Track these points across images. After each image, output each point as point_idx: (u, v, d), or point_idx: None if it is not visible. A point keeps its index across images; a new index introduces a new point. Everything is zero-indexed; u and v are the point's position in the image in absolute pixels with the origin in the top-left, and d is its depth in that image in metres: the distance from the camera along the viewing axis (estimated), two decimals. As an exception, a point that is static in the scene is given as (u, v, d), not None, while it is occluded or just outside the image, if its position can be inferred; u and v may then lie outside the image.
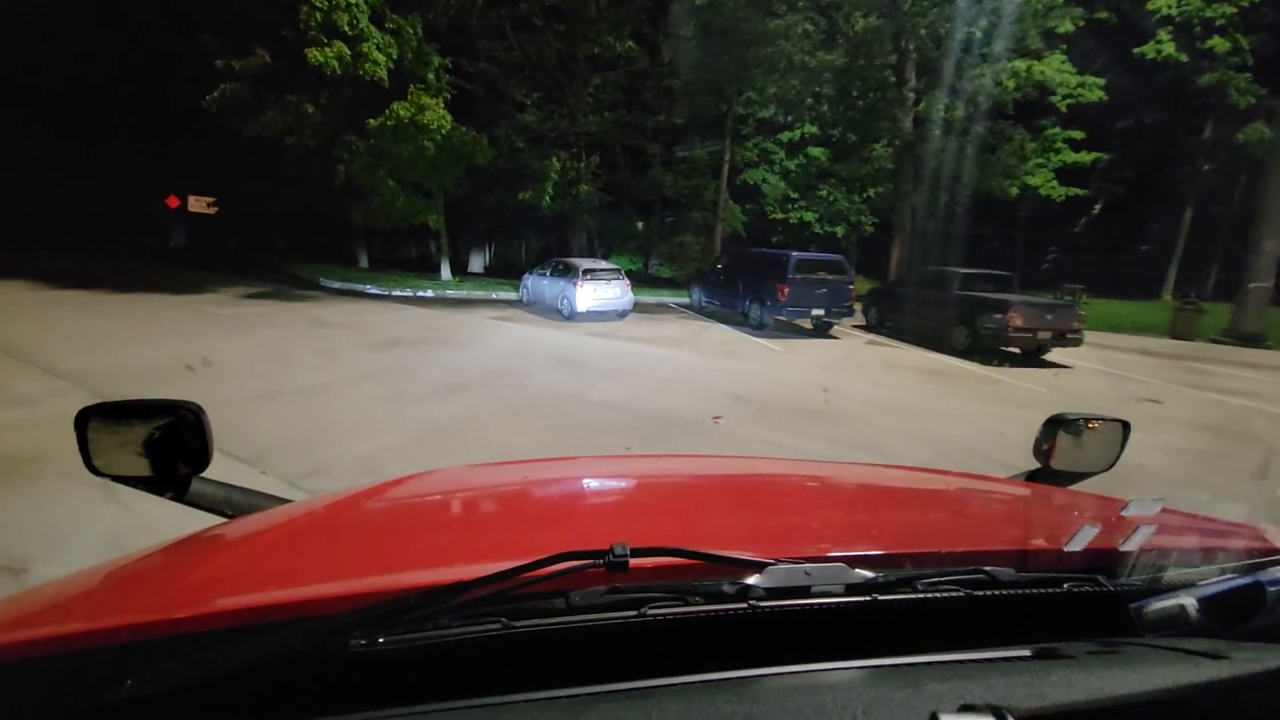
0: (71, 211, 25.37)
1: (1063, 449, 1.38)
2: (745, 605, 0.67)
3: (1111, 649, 0.69)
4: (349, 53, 13.31)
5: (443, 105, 14.34)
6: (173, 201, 24.08)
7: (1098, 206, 28.16)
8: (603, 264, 13.93)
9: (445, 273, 17.58)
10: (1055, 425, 1.38)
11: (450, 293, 15.88)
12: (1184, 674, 0.62)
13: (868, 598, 0.71)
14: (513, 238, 27.18)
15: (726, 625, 0.67)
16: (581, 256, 18.33)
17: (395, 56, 13.98)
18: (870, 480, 1.70)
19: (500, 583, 0.63)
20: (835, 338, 12.51)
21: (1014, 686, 0.60)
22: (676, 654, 0.64)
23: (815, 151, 27.40)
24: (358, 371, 7.58)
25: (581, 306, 12.74)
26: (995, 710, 0.54)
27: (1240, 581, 0.73)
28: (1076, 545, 0.81)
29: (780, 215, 28.49)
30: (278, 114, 14.24)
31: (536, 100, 19.49)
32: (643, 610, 0.65)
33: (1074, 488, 1.42)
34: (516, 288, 16.02)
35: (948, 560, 0.83)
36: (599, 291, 12.93)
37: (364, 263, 20.92)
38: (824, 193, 27.64)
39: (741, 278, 13.45)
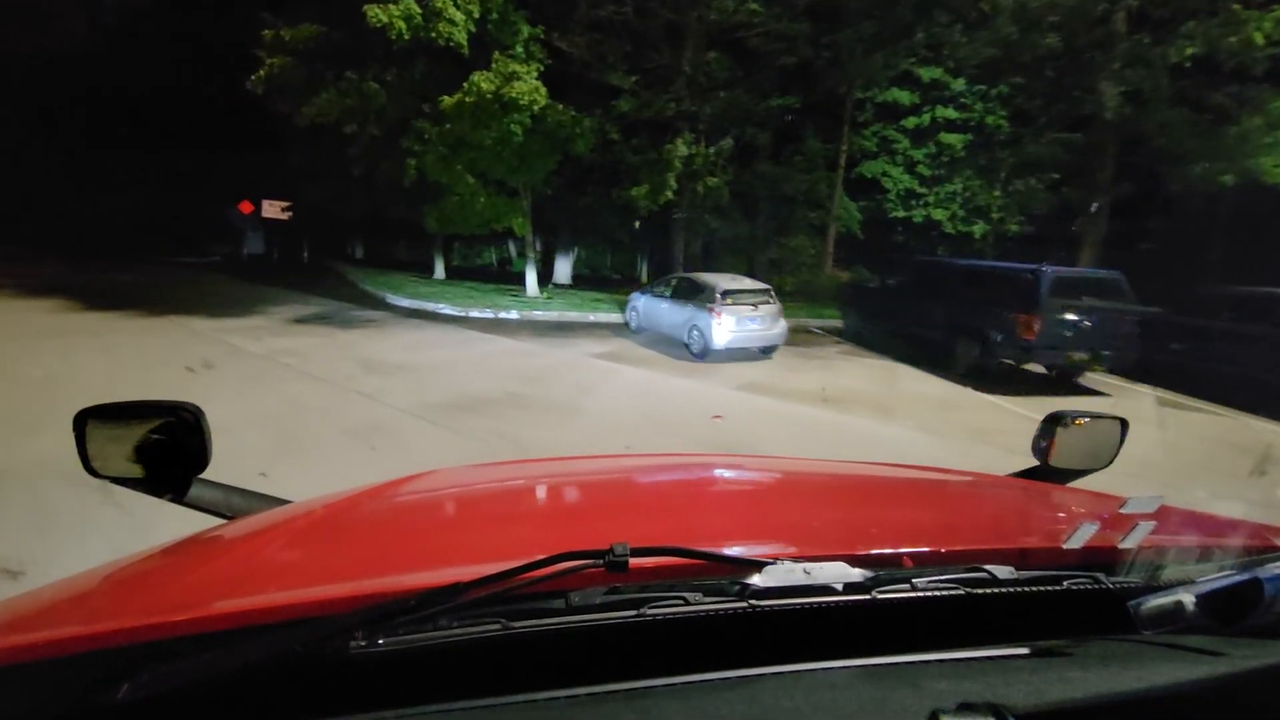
0: (149, 220, 23.74)
1: (1061, 447, 1.33)
2: (745, 604, 0.64)
3: (1110, 646, 0.69)
4: (419, 11, 10.04)
5: (535, 76, 10.84)
6: (245, 207, 21.90)
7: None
8: (746, 282, 10.05)
9: (531, 286, 14.20)
10: (1053, 423, 1.34)
11: (538, 314, 12.45)
12: (1182, 670, 0.63)
13: (867, 596, 0.67)
14: (602, 244, 23.67)
15: (726, 624, 0.64)
16: (691, 268, 14.64)
17: (476, 17, 10.58)
18: (869, 479, 1.61)
19: (499, 583, 0.61)
20: (1102, 394, 8.25)
21: (1013, 684, 0.60)
22: (676, 653, 0.63)
23: (950, 138, 22.63)
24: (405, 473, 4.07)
25: (720, 341, 8.96)
26: (994, 708, 0.54)
27: (1238, 578, 0.67)
28: (1075, 543, 0.78)
29: (902, 213, 23.97)
30: (335, 95, 11.14)
31: (634, 84, 15.96)
32: (642, 610, 0.63)
33: (1072, 485, 1.38)
34: (615, 306, 12.42)
35: (947, 558, 0.82)
36: (744, 321, 9.12)
37: (439, 272, 17.86)
38: (957, 185, 22.90)
39: (942, 302, 9.31)
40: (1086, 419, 1.37)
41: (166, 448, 1.08)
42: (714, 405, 6.89)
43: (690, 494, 1.40)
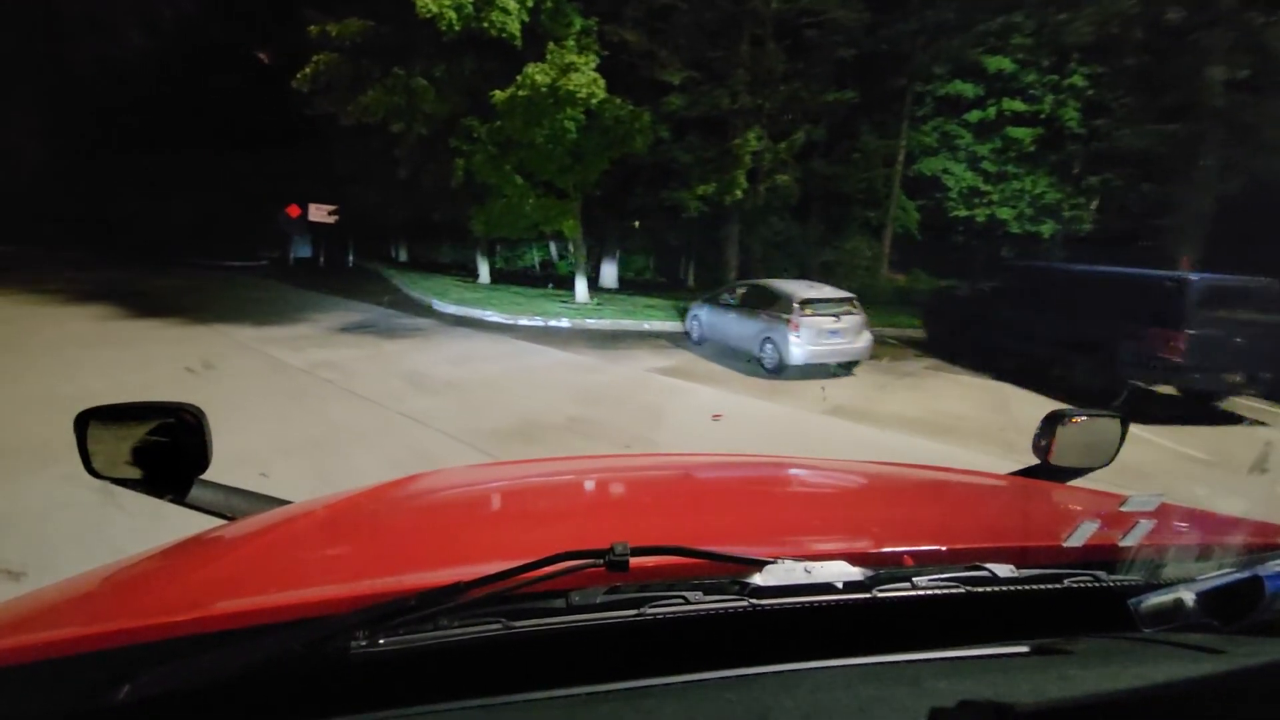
0: (202, 224, 23.87)
1: (1061, 445, 1.32)
2: (745, 603, 0.64)
3: (1110, 644, 0.68)
4: (470, 0, 9.33)
5: (593, 68, 10.02)
6: (293, 211, 21.73)
7: None
8: (827, 290, 9.04)
9: (581, 292, 13.41)
10: (1054, 421, 1.32)
11: (590, 322, 11.65)
12: (1183, 668, 0.63)
13: (867, 595, 0.67)
14: (647, 247, 22.83)
15: (727, 623, 0.64)
16: (746, 273, 13.71)
17: (530, 6, 9.82)
18: (869, 477, 1.60)
19: (500, 583, 0.60)
20: (1260, 423, 7.01)
21: (1014, 683, 0.60)
22: (677, 652, 0.62)
23: (1018, 132, 21.11)
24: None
25: (798, 355, 7.98)
26: (995, 706, 0.53)
27: (1238, 576, 0.66)
28: (1076, 541, 0.77)
29: (964, 212, 22.56)
30: (382, 92, 10.53)
31: (687, 79, 15.05)
32: (643, 609, 0.62)
33: (1072, 483, 1.38)
34: (670, 313, 11.52)
35: (947, 557, 0.80)
36: (824, 334, 8.12)
37: (484, 275, 17.25)
38: (1025, 183, 21.41)
39: (1052, 312, 8.13)
40: (1085, 417, 1.35)
41: (167, 449, 1.07)
42: (806, 434, 5.95)
43: (690, 493, 1.38)
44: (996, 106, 21.60)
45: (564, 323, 11.55)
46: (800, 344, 7.96)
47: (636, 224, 17.13)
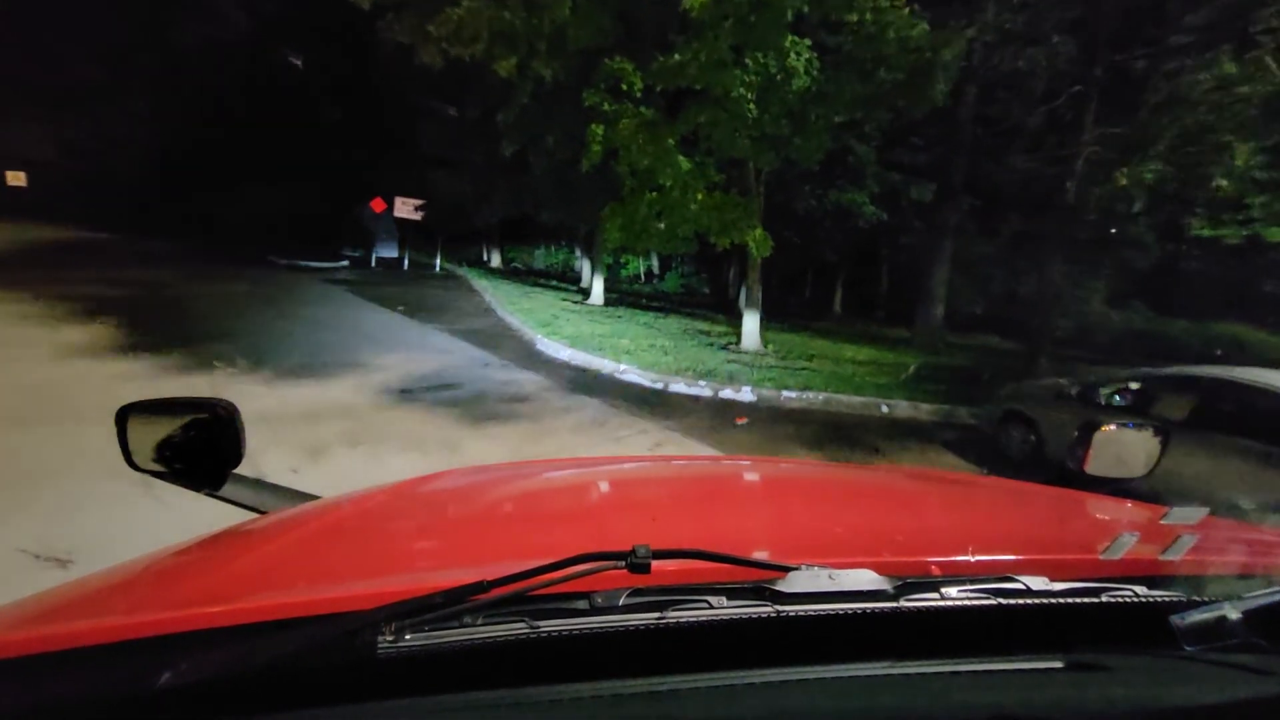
0: (287, 217, 20.95)
1: (1098, 454, 1.23)
2: (769, 609, 0.61)
3: (1151, 662, 0.65)
4: None
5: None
6: (378, 205, 18.33)
7: None
8: None
9: (750, 334, 8.83)
10: (1090, 429, 1.25)
11: (787, 395, 7.05)
12: (1228, 688, 0.60)
13: (894, 604, 0.63)
14: (801, 267, 17.83)
15: (749, 629, 0.61)
16: (922, 299, 8.84)
17: None
18: (897, 485, 1.53)
19: (523, 582, 0.59)
20: None
21: (1048, 698, 0.58)
22: (699, 656, 0.60)
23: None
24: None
25: None
26: None
27: None
28: (1114, 554, 0.72)
29: (1209, 231, 16.51)
30: (482, 2, 6.25)
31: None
32: (665, 613, 0.60)
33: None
34: (888, 371, 6.78)
35: (977, 568, 0.76)
36: None
37: (597, 293, 13.01)
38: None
39: None
40: (1122, 426, 1.27)
41: (202, 443, 1.08)
42: None
43: (712, 496, 1.34)
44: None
45: (745, 392, 7.00)
46: None
47: (799, 234, 12.43)
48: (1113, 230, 11.18)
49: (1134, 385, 4.68)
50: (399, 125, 12.22)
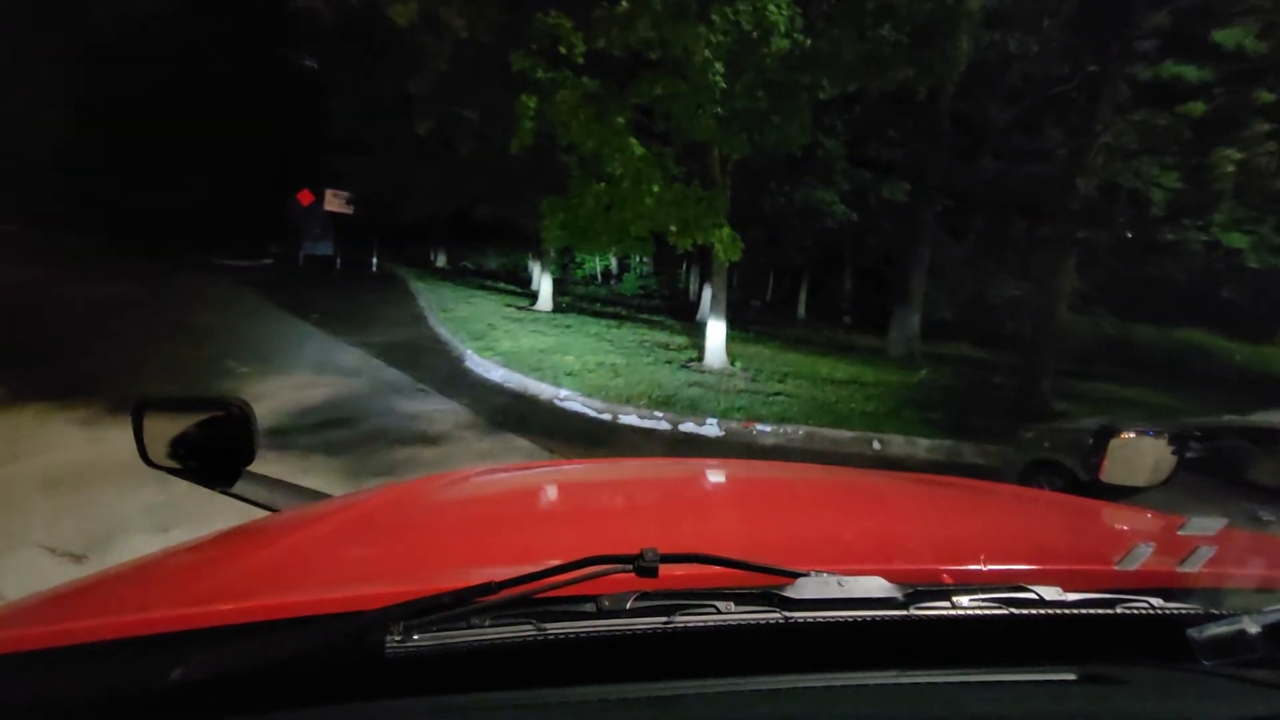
0: (207, 212, 18.62)
1: (1113, 462, 1.18)
2: (778, 615, 0.60)
3: (1167, 675, 0.63)
4: None
5: None
6: (305, 197, 16.46)
7: None
8: None
9: (714, 348, 7.63)
10: (1106, 436, 1.20)
11: (761, 429, 5.85)
12: (1246, 704, 0.59)
13: (904, 612, 0.61)
14: (763, 269, 16.75)
15: (757, 635, 0.61)
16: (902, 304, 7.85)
17: None
18: (908, 490, 1.46)
19: (531, 584, 0.59)
20: None
21: (1062, 710, 0.58)
22: (706, 661, 0.60)
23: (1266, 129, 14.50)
24: None
25: None
26: None
27: None
28: (1129, 564, 0.70)
29: (1174, 235, 16.14)
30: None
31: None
32: (673, 617, 0.59)
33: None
34: (876, 391, 5.73)
35: (989, 576, 0.73)
36: None
37: (545, 298, 11.58)
38: None
39: None
40: (1138, 433, 1.22)
41: (216, 440, 1.07)
42: None
43: (721, 500, 1.34)
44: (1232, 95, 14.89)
45: (710, 426, 5.76)
46: None
47: (769, 233, 11.29)
48: (1129, 235, 10.32)
49: (1215, 436, 3.61)
50: (305, 103, 10.60)
